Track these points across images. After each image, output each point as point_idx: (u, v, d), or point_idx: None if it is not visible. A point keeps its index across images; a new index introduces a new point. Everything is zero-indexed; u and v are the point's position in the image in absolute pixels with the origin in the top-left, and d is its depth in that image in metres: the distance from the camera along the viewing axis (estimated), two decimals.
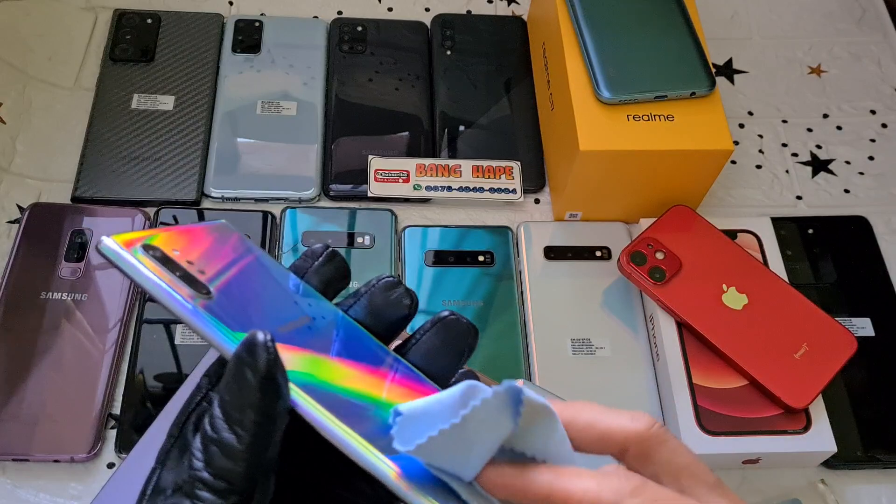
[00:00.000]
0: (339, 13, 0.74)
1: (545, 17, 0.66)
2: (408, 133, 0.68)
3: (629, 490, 0.25)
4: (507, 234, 0.63)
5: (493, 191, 0.65)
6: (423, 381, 0.29)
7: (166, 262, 0.24)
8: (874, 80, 0.75)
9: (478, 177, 0.65)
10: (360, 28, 0.73)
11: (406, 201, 0.65)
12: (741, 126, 0.71)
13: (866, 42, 0.77)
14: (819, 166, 0.70)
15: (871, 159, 0.70)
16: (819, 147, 0.71)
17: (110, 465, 0.53)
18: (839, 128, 0.72)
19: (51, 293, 0.57)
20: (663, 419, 0.56)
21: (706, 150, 0.57)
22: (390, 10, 0.75)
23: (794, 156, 0.70)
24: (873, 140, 0.71)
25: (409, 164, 0.65)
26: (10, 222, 0.61)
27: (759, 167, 0.69)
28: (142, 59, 0.68)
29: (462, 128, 0.68)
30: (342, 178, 0.65)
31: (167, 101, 0.67)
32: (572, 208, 0.63)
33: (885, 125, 0.72)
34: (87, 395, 0.53)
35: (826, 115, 0.73)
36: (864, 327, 0.60)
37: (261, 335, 0.23)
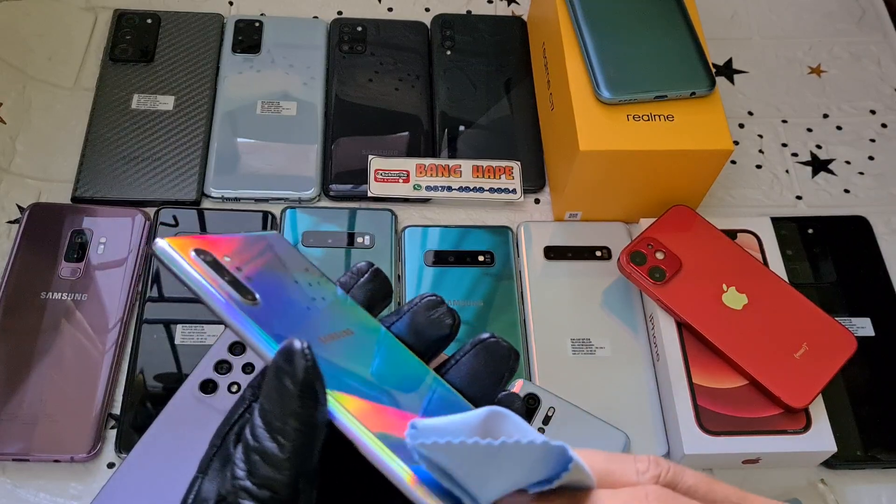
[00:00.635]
0: (339, 13, 0.74)
1: (545, 17, 0.66)
2: (408, 133, 0.68)
3: None
4: (507, 234, 0.63)
5: (493, 191, 0.65)
6: (462, 402, 0.29)
7: (216, 266, 0.25)
8: (874, 80, 0.75)
9: (478, 177, 0.65)
10: (360, 28, 0.73)
11: (406, 201, 0.65)
12: (741, 126, 0.71)
13: (866, 42, 0.77)
14: (819, 166, 0.70)
15: (871, 159, 0.70)
16: (819, 147, 0.71)
17: (110, 465, 0.53)
18: (839, 128, 0.72)
19: (51, 293, 0.57)
20: (663, 419, 0.56)
21: (706, 150, 0.57)
22: (390, 10, 0.75)
23: (794, 156, 0.70)
24: (873, 140, 0.71)
25: (409, 164, 0.65)
26: (10, 222, 0.61)
27: (759, 167, 0.69)
28: (142, 59, 0.68)
29: (462, 128, 0.68)
30: (342, 178, 0.65)
31: (167, 101, 0.67)
32: (572, 208, 0.63)
33: (885, 125, 0.72)
34: (87, 395, 0.53)
35: (826, 115, 0.73)
36: (864, 327, 0.60)
37: (298, 343, 0.23)
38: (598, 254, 0.62)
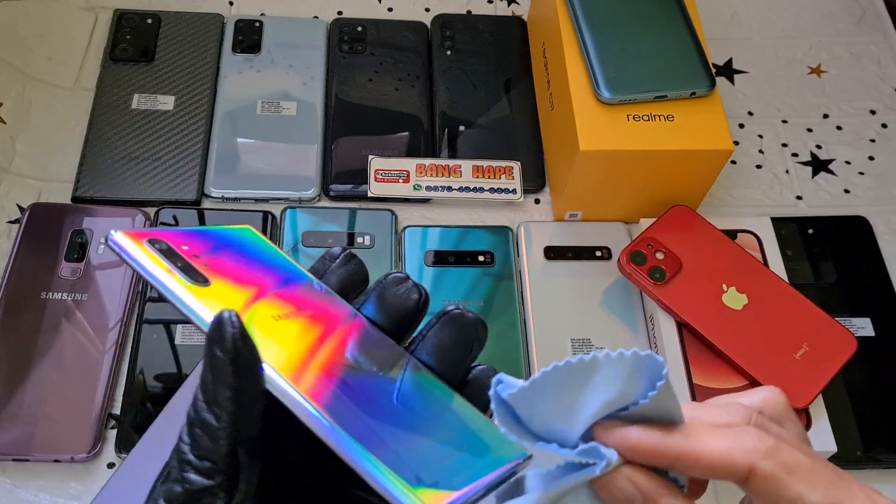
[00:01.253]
0: (339, 13, 0.74)
1: (545, 17, 0.66)
2: (408, 133, 0.68)
3: (763, 452, 0.24)
4: (507, 234, 0.63)
5: (493, 191, 0.65)
6: (432, 379, 0.29)
7: (169, 253, 0.26)
8: (874, 80, 0.75)
9: (478, 177, 0.65)
10: (360, 28, 0.73)
11: (406, 201, 0.65)
12: (741, 126, 0.71)
13: (866, 42, 0.77)
14: (819, 166, 0.70)
15: (871, 159, 0.70)
16: (819, 147, 0.71)
17: (110, 465, 0.53)
18: (839, 128, 0.72)
19: (51, 293, 0.57)
20: None
21: (706, 150, 0.57)
22: (390, 10, 0.75)
23: (794, 156, 0.70)
24: (873, 140, 0.71)
25: (409, 164, 0.65)
26: (10, 222, 0.61)
27: (759, 167, 0.69)
28: (142, 59, 0.68)
29: (462, 128, 0.68)
30: (342, 178, 0.65)
31: (167, 101, 0.67)
32: (572, 208, 0.63)
33: (885, 125, 0.72)
34: (87, 395, 0.53)
35: (826, 115, 0.73)
36: (864, 327, 0.60)
37: (226, 313, 0.23)
38: (598, 254, 0.62)
